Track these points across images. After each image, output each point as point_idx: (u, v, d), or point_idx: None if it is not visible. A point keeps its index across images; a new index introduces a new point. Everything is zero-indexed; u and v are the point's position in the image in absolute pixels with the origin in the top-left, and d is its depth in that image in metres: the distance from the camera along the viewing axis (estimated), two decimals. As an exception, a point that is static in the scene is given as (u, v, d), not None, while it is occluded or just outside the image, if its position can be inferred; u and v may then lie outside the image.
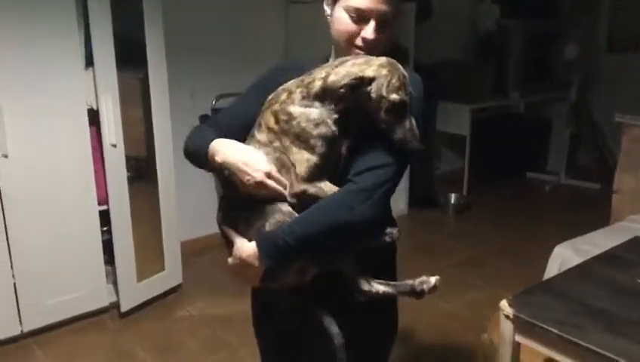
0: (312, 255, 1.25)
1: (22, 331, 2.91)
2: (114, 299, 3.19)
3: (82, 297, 3.08)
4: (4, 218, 2.76)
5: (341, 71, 1.22)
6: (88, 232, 3.05)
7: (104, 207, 3.06)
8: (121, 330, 3.09)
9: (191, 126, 1.49)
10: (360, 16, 1.29)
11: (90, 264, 3.08)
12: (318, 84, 1.24)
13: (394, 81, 1.19)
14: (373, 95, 1.20)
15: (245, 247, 1.26)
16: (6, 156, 2.70)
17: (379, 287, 1.31)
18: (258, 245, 1.23)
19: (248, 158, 1.25)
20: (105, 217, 3.07)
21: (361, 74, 1.20)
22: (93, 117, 2.95)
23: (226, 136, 1.35)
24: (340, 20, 1.32)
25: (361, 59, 1.25)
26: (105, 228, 3.11)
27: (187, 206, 3.68)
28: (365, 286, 1.30)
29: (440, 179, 5.44)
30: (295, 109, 1.24)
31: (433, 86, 5.05)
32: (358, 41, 1.31)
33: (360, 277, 1.30)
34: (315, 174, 1.23)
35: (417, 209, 4.90)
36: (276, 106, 1.27)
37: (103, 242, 3.11)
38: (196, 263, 3.78)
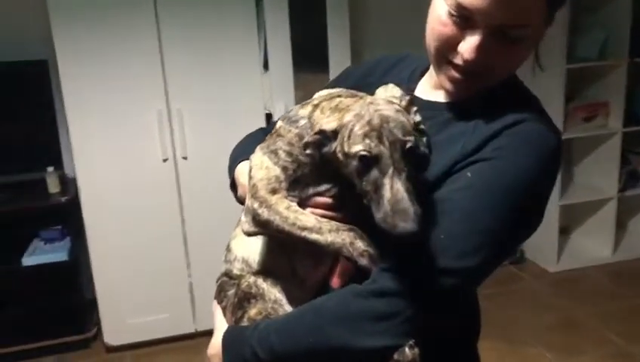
0: None
1: (195, 330, 2.98)
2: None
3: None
4: (182, 217, 2.85)
5: (316, 120, 0.84)
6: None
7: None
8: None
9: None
10: (463, 18, 0.79)
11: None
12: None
13: (357, 127, 0.74)
14: (339, 156, 0.77)
15: (213, 341, 0.91)
16: (185, 158, 2.78)
17: None
18: (223, 347, 0.87)
19: None
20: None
21: (324, 126, 0.78)
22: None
23: None
24: (435, 15, 0.83)
25: (349, 99, 0.81)
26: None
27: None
28: None
29: None
30: (280, 123, 0.89)
31: None
32: (455, 56, 0.82)
33: None
34: (273, 188, 0.84)
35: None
36: None
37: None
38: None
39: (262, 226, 0.84)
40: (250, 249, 0.93)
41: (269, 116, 2.85)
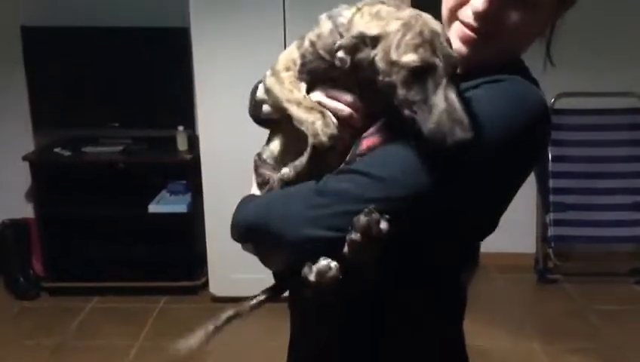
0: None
1: (291, 295, 3.12)
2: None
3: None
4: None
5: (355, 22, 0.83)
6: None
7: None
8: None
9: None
10: None
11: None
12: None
13: (408, 37, 0.74)
14: (379, 64, 0.76)
15: None
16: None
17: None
18: (236, 209, 0.96)
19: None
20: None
21: (365, 30, 0.77)
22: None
23: None
24: None
25: (392, 8, 0.80)
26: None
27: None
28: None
29: None
30: (322, 16, 0.90)
31: None
32: (464, 15, 0.82)
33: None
34: (287, 66, 0.91)
35: None
36: None
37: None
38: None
39: (267, 93, 0.91)
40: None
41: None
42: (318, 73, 0.86)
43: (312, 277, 0.79)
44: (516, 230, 3.34)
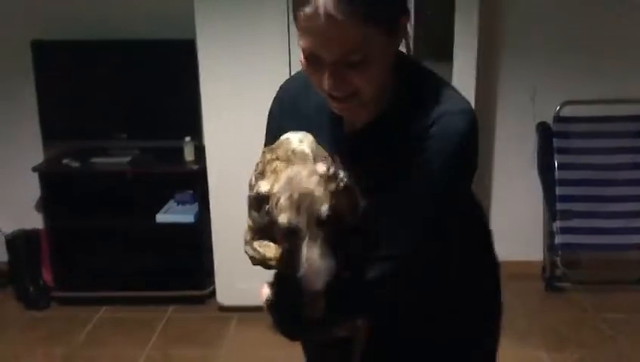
0: None
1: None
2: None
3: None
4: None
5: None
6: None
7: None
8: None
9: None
10: (313, 58, 0.94)
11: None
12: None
13: (282, 200, 0.90)
14: (272, 217, 0.94)
15: None
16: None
17: None
18: None
19: None
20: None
21: (260, 188, 0.95)
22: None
23: None
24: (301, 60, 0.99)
25: (283, 164, 0.96)
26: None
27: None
28: None
29: None
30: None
31: None
32: (325, 90, 0.96)
33: None
34: (250, 236, 1.06)
35: None
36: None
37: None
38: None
39: (250, 258, 1.07)
40: None
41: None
42: (265, 231, 1.00)
43: None
44: (523, 238, 3.38)
